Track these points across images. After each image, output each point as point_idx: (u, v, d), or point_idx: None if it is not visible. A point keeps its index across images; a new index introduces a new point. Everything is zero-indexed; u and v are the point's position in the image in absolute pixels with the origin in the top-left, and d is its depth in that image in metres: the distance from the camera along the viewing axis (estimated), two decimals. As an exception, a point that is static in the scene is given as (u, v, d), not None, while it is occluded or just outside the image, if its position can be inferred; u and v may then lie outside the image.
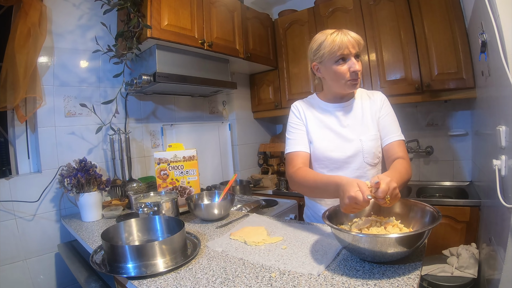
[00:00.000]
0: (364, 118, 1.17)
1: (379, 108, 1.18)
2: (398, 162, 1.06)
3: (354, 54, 1.06)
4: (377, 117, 1.17)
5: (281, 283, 0.72)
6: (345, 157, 1.14)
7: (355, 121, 1.17)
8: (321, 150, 1.16)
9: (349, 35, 1.05)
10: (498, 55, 1.03)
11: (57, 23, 1.66)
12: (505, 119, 1.06)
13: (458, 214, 1.79)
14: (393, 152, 1.12)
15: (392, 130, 1.15)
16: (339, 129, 1.17)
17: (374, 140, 1.14)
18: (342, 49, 1.04)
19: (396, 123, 1.17)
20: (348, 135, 1.15)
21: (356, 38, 1.06)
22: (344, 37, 1.04)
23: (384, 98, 1.21)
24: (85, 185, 1.47)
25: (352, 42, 1.05)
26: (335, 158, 1.14)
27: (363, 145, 1.13)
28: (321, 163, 1.18)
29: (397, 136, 1.14)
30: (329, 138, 1.17)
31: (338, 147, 1.14)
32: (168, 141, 2.17)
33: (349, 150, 1.13)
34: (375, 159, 1.14)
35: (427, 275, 1.56)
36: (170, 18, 1.73)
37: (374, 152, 1.14)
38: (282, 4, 2.97)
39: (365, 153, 1.13)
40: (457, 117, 2.25)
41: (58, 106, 1.65)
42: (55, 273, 1.60)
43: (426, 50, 1.99)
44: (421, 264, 0.75)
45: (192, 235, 1.07)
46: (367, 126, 1.16)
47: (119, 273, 0.83)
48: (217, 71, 2.11)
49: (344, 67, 1.07)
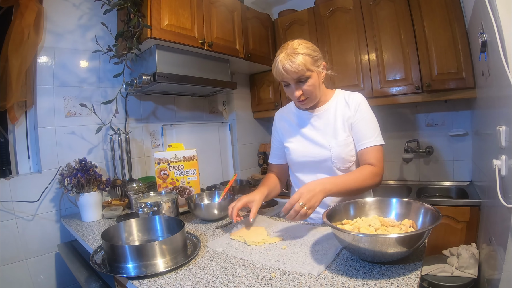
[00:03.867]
0: (336, 124, 1.17)
1: (353, 113, 1.15)
2: (360, 169, 1.10)
3: (293, 81, 1.09)
4: (350, 122, 1.15)
5: (281, 283, 0.72)
6: (314, 161, 1.18)
7: (327, 127, 1.18)
8: (294, 156, 1.22)
9: (284, 66, 1.05)
10: (498, 55, 1.03)
11: (57, 23, 1.66)
12: (505, 119, 1.06)
13: (458, 214, 1.79)
14: (364, 158, 1.12)
15: (365, 135, 1.13)
16: (311, 134, 1.20)
17: (343, 145, 1.14)
18: (280, 78, 1.10)
19: (370, 128, 1.14)
20: (319, 140, 1.18)
21: (290, 68, 1.04)
22: (280, 68, 1.06)
23: (360, 101, 1.17)
24: (85, 185, 1.47)
25: (286, 73, 1.06)
26: (306, 162, 1.20)
27: (332, 150, 1.14)
28: (295, 167, 1.26)
29: (371, 142, 1.11)
30: (302, 143, 1.21)
31: (309, 152, 1.19)
32: (168, 141, 2.17)
33: (318, 155, 1.17)
34: (345, 163, 1.15)
35: (427, 275, 1.56)
36: (170, 18, 1.73)
37: (344, 157, 1.14)
38: (282, 4, 2.97)
39: (333, 158, 1.14)
40: (457, 117, 2.24)
41: (58, 106, 1.65)
42: (55, 273, 1.60)
43: (426, 50, 1.99)
44: (421, 264, 0.75)
45: (192, 235, 1.07)
46: (338, 131, 1.16)
47: (119, 273, 0.83)
48: (217, 71, 2.11)
49: (289, 91, 1.14)
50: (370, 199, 0.96)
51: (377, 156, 1.11)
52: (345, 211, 0.94)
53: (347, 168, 1.15)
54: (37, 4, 1.52)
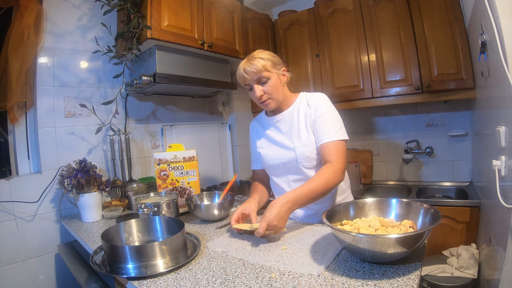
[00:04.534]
0: (300, 124, 1.21)
1: (314, 111, 1.18)
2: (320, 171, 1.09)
3: (254, 81, 1.16)
4: (311, 120, 1.19)
5: (281, 283, 0.72)
6: (282, 163, 1.24)
7: (292, 129, 1.23)
8: (265, 160, 1.29)
9: (245, 69, 1.15)
10: (497, 55, 1.03)
11: (57, 24, 1.66)
12: (505, 119, 1.07)
13: (458, 215, 1.79)
14: (323, 155, 1.14)
15: (323, 131, 1.14)
16: (277, 137, 1.26)
17: (307, 145, 1.18)
18: (242, 82, 1.19)
19: (329, 124, 1.15)
20: (285, 143, 1.23)
21: (250, 70, 1.14)
22: (241, 72, 1.16)
23: (321, 99, 1.20)
24: (85, 186, 1.47)
25: (247, 75, 1.14)
26: (275, 165, 1.27)
27: (297, 150, 1.19)
28: (269, 171, 1.33)
29: (328, 138, 1.12)
30: (270, 147, 1.28)
31: (277, 155, 1.25)
32: (168, 141, 2.17)
33: (285, 157, 1.22)
34: (311, 161, 1.18)
35: (427, 275, 1.56)
36: (170, 18, 1.73)
37: (309, 156, 1.18)
38: (282, 4, 2.97)
39: (299, 158, 1.19)
40: (457, 118, 2.25)
41: (58, 107, 1.65)
42: (55, 274, 1.60)
43: (426, 51, 1.99)
44: (421, 264, 0.75)
45: (192, 236, 1.07)
46: (300, 131, 1.20)
47: (119, 273, 0.83)
48: (217, 71, 2.11)
49: (252, 94, 1.20)
50: (370, 200, 0.96)
51: (336, 152, 1.11)
52: (344, 212, 0.94)
53: (313, 166, 1.19)
54: (37, 4, 1.52)
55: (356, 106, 2.32)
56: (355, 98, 2.30)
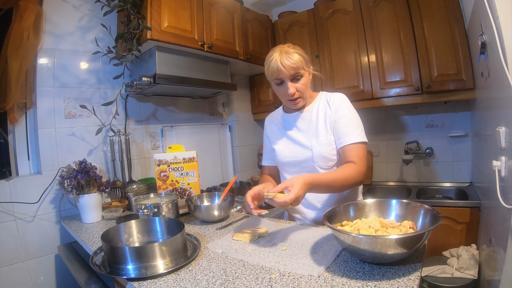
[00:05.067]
0: (318, 123, 1.19)
1: (334, 112, 1.17)
2: (343, 166, 1.10)
3: (289, 78, 1.11)
4: (331, 121, 1.17)
5: (281, 284, 0.72)
6: (297, 161, 1.21)
7: (310, 127, 1.21)
8: (280, 157, 1.27)
9: (282, 61, 1.08)
10: (497, 56, 1.03)
11: (57, 25, 1.66)
12: (505, 120, 1.06)
13: (458, 215, 1.79)
14: (345, 156, 1.13)
15: (345, 133, 1.13)
16: (295, 135, 1.24)
17: (325, 144, 1.16)
18: (276, 75, 1.11)
19: (351, 125, 1.14)
20: (302, 141, 1.21)
21: (288, 63, 1.08)
22: (277, 64, 1.08)
23: (341, 100, 1.19)
24: (85, 187, 1.47)
25: (284, 68, 1.08)
26: (290, 162, 1.24)
27: (314, 150, 1.17)
28: (282, 168, 1.30)
29: (351, 139, 1.12)
30: (286, 145, 1.26)
31: (292, 153, 1.23)
32: (168, 142, 2.17)
33: (301, 155, 1.20)
34: (328, 162, 1.16)
35: (427, 276, 1.56)
36: (170, 19, 1.73)
37: (326, 156, 1.16)
38: (282, 5, 2.97)
39: (315, 158, 1.17)
40: (457, 118, 2.25)
41: (58, 108, 1.65)
42: (55, 275, 1.60)
43: (425, 51, 1.99)
44: (421, 265, 0.75)
45: (192, 237, 1.07)
46: (320, 130, 1.18)
47: (119, 274, 0.83)
48: (217, 72, 2.12)
49: (282, 90, 1.15)
50: (370, 201, 0.96)
51: (359, 154, 1.10)
52: (345, 213, 0.94)
53: (329, 167, 1.17)
54: (36, 6, 1.52)
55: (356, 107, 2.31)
56: (355, 99, 2.30)
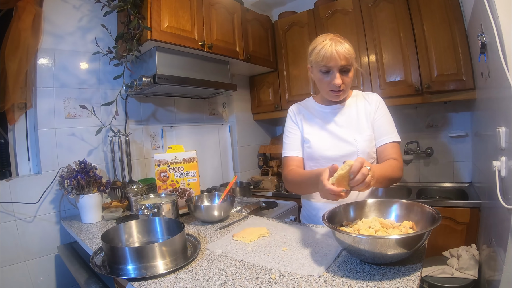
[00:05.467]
0: (359, 119, 1.18)
1: (375, 110, 1.19)
2: (388, 161, 1.10)
3: (338, 67, 1.07)
4: (371, 118, 1.18)
5: (281, 284, 0.72)
6: (339, 156, 1.15)
7: (350, 122, 1.19)
8: (317, 149, 1.19)
9: (337, 48, 1.05)
10: (497, 56, 1.03)
11: (57, 25, 1.66)
12: (505, 120, 1.07)
13: (458, 216, 1.78)
14: (386, 154, 1.14)
15: (386, 131, 1.16)
16: (334, 129, 1.19)
17: (368, 140, 1.15)
18: (326, 61, 1.06)
19: (391, 125, 1.18)
20: (343, 135, 1.17)
21: (343, 52, 1.05)
22: (330, 50, 1.04)
23: (380, 99, 1.22)
24: (85, 187, 1.47)
25: (338, 56, 1.05)
26: (330, 157, 1.17)
27: (358, 145, 1.14)
28: (316, 162, 1.20)
29: (391, 138, 1.15)
30: (325, 137, 1.19)
31: (333, 146, 1.17)
32: (168, 142, 2.17)
33: (343, 149, 1.15)
34: (369, 159, 1.15)
35: (427, 276, 1.56)
36: (170, 20, 1.73)
37: (369, 152, 1.15)
38: (282, 6, 2.98)
39: (359, 153, 1.14)
40: (457, 119, 2.25)
41: (58, 108, 1.65)
42: (55, 275, 1.60)
43: (425, 52, 1.99)
44: (421, 265, 0.75)
45: (192, 237, 1.07)
46: (362, 126, 1.17)
47: (119, 274, 0.83)
48: (217, 73, 2.12)
49: (327, 78, 1.11)
50: (370, 201, 0.96)
51: (398, 152, 1.14)
52: (345, 213, 0.94)
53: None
54: (35, 7, 1.52)
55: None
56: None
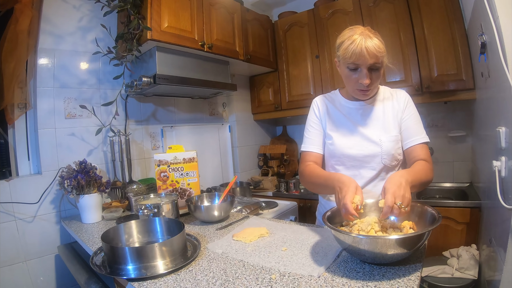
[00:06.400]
0: (386, 118, 1.13)
1: (403, 109, 1.13)
2: (419, 163, 1.05)
3: (367, 65, 1.01)
4: (399, 118, 1.13)
5: (281, 284, 0.72)
6: (362, 155, 1.11)
7: (376, 121, 1.14)
8: (339, 147, 1.14)
9: (367, 44, 0.97)
10: (497, 56, 1.03)
11: (57, 25, 1.66)
12: (505, 120, 1.07)
13: (458, 216, 1.78)
14: (415, 155, 1.09)
15: (415, 132, 1.11)
16: (359, 127, 1.14)
17: (394, 141, 1.10)
18: (354, 58, 1.00)
19: (419, 125, 1.12)
20: (367, 134, 1.12)
21: (373, 49, 0.97)
22: (360, 47, 0.97)
23: (408, 98, 1.16)
24: (85, 187, 1.47)
25: (367, 53, 0.97)
26: (353, 156, 1.12)
27: (382, 145, 1.10)
28: (338, 160, 1.16)
29: (421, 139, 1.10)
30: (348, 135, 1.14)
31: (356, 145, 1.12)
32: (168, 143, 2.17)
33: (367, 149, 1.11)
34: (393, 161, 1.11)
35: (427, 276, 1.56)
36: (170, 20, 1.73)
37: (393, 154, 1.10)
38: (282, 6, 2.98)
39: (383, 154, 1.10)
40: (457, 118, 2.25)
41: (58, 108, 1.65)
42: (55, 275, 1.60)
43: (425, 52, 1.99)
44: (421, 265, 0.75)
45: (192, 237, 1.07)
46: (388, 126, 1.12)
47: (119, 274, 0.83)
48: (217, 73, 2.12)
49: (355, 76, 1.05)
50: (370, 201, 0.96)
51: (428, 153, 1.09)
52: (345, 213, 0.94)
53: (393, 166, 1.12)
54: (32, 10, 1.53)
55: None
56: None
